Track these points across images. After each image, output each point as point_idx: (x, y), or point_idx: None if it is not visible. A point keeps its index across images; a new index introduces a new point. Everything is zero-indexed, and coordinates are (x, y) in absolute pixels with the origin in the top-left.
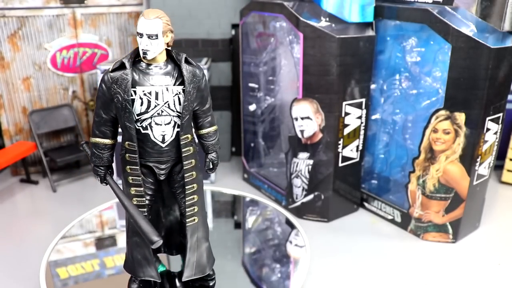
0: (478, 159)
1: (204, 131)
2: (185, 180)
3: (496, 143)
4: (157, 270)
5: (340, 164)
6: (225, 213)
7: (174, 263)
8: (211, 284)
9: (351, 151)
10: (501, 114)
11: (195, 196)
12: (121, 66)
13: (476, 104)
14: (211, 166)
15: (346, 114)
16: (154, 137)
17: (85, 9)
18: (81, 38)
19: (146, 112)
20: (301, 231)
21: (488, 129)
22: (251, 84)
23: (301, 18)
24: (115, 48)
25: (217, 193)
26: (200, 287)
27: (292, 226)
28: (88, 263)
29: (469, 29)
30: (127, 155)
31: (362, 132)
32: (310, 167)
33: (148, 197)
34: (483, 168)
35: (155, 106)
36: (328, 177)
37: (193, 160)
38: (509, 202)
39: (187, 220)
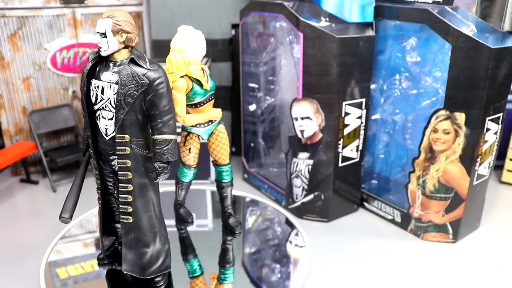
0: (478, 159)
1: (153, 136)
2: (118, 177)
3: (496, 143)
4: (104, 249)
5: (340, 164)
6: None
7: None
8: None
9: (351, 151)
10: (501, 114)
11: (128, 196)
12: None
13: (476, 104)
14: (154, 175)
15: (346, 114)
16: (100, 129)
17: (85, 9)
18: (81, 38)
19: (95, 104)
20: (301, 231)
21: (488, 129)
22: (251, 84)
23: (301, 18)
24: None
25: (217, 193)
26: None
27: (292, 226)
28: (87, 263)
29: (469, 29)
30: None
31: (362, 132)
32: (310, 167)
33: (109, 183)
34: (483, 168)
35: (101, 100)
36: (328, 177)
37: (128, 161)
38: (509, 202)
39: (120, 216)
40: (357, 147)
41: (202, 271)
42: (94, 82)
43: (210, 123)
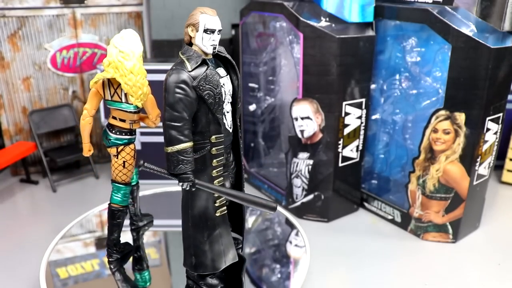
0: (478, 159)
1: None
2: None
3: (496, 143)
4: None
5: (340, 164)
6: None
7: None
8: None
9: (351, 151)
10: (501, 114)
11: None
12: (199, 65)
13: (476, 104)
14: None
15: (346, 114)
16: (227, 125)
17: (85, 9)
18: (81, 38)
19: (224, 102)
20: (301, 231)
21: (488, 129)
22: (251, 84)
23: (301, 18)
24: None
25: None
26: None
27: (292, 226)
28: (87, 263)
29: (469, 29)
30: (213, 149)
31: (362, 132)
32: (310, 167)
33: (227, 185)
34: (483, 168)
35: (225, 96)
36: (328, 177)
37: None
38: (509, 202)
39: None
40: (357, 147)
41: None
42: (222, 81)
43: None
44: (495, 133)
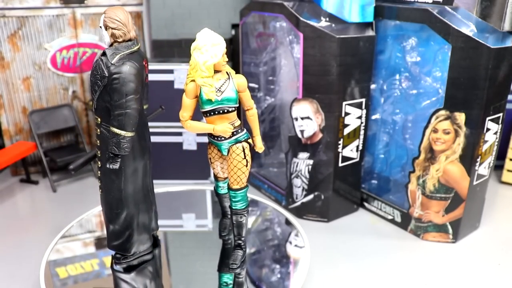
0: (478, 159)
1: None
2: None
3: (496, 143)
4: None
5: (340, 164)
6: None
7: None
8: None
9: (351, 151)
10: (501, 114)
11: (99, 171)
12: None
13: (476, 104)
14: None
15: (346, 114)
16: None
17: (85, 9)
18: (81, 38)
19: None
20: (301, 231)
21: (488, 129)
22: (251, 84)
23: (301, 18)
24: None
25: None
26: None
27: (292, 226)
28: (87, 263)
29: (469, 29)
30: None
31: (362, 132)
32: (310, 167)
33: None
34: (483, 168)
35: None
36: (328, 177)
37: (98, 141)
38: (509, 202)
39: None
40: (357, 147)
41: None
42: None
43: (231, 137)
44: (495, 133)
